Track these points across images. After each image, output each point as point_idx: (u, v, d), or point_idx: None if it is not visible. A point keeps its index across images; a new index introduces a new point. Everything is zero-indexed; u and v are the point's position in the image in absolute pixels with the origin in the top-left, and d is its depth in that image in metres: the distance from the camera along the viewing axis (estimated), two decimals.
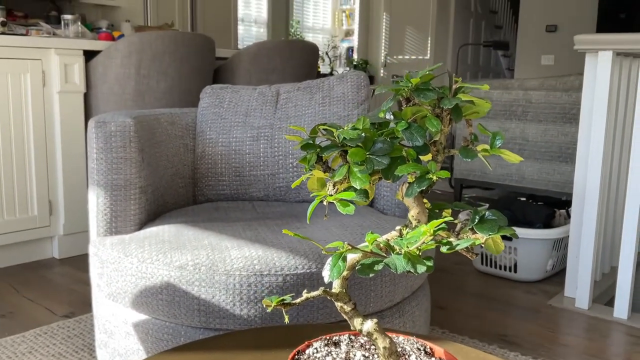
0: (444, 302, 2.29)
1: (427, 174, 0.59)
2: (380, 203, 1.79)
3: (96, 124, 1.55)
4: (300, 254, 1.33)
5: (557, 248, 2.54)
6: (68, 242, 2.71)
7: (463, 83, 0.59)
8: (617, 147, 2.42)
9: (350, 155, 0.60)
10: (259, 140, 1.84)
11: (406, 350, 0.67)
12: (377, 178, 0.64)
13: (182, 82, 2.77)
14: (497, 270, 2.57)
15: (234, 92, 1.95)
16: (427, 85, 0.59)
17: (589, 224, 2.22)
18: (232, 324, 1.30)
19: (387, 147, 0.60)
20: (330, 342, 0.68)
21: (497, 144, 0.62)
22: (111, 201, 1.54)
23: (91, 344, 1.84)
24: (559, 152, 3.28)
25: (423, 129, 0.61)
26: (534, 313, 2.19)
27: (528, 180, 3.40)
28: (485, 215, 0.60)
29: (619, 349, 1.91)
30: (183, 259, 1.32)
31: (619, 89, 2.32)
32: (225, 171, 1.85)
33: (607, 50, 2.15)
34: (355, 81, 1.90)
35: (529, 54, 6.24)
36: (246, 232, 1.47)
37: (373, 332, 0.61)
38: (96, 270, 1.46)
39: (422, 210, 0.62)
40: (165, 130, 1.79)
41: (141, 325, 1.39)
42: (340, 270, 0.55)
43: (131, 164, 1.56)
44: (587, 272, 2.23)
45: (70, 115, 2.64)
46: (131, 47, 2.60)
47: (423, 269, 0.53)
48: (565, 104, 3.25)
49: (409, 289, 1.51)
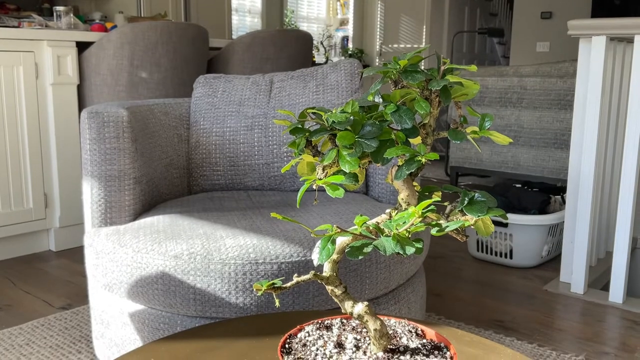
0: (439, 289, 2.30)
1: (416, 157, 0.59)
2: (376, 191, 1.80)
3: (89, 114, 1.55)
4: (295, 242, 1.34)
5: (552, 234, 2.55)
6: (64, 235, 2.70)
7: (451, 65, 0.59)
8: (611, 132, 2.42)
9: (339, 139, 0.60)
10: (253, 129, 1.84)
11: (397, 332, 0.67)
12: (367, 162, 0.64)
13: (176, 73, 2.76)
14: (493, 257, 2.58)
15: (228, 82, 1.94)
16: (415, 67, 0.59)
17: (584, 210, 2.23)
18: (228, 313, 1.30)
19: (376, 130, 0.60)
20: (322, 326, 0.68)
21: (486, 126, 0.62)
22: (105, 192, 1.54)
23: (88, 335, 1.84)
24: (554, 138, 3.28)
25: (412, 111, 0.61)
26: (529, 298, 2.20)
27: (523, 167, 3.40)
28: (474, 197, 0.60)
29: (614, 333, 1.92)
30: (178, 249, 1.32)
31: (612, 74, 2.32)
32: (219, 161, 1.84)
33: (600, 35, 2.14)
34: (349, 69, 1.89)
35: (524, 41, 6.22)
36: (241, 222, 1.47)
37: (364, 314, 0.61)
38: (92, 261, 1.46)
39: (411, 193, 0.62)
40: (158, 121, 1.79)
41: (137, 315, 1.40)
42: (329, 253, 0.55)
43: (125, 155, 1.56)
44: (583, 257, 2.24)
45: (64, 107, 2.63)
46: (123, 38, 2.59)
47: (412, 251, 0.53)
48: (560, 91, 3.25)
49: (404, 275, 1.52)
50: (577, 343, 1.84)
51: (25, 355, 1.72)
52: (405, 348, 0.64)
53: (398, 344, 0.65)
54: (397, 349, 0.64)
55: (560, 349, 1.79)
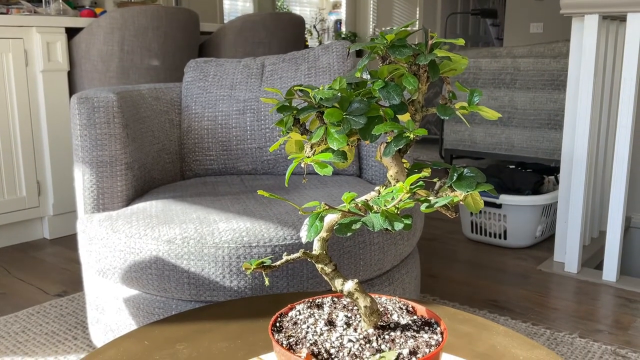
0: (434, 270, 2.31)
1: (404, 133, 0.59)
2: (369, 173, 1.79)
3: (78, 100, 1.53)
4: (289, 224, 1.34)
5: (546, 214, 2.55)
6: (58, 222, 2.70)
7: (439, 39, 0.58)
8: (604, 112, 2.42)
9: (326, 116, 0.59)
10: (245, 113, 1.83)
11: (388, 309, 0.67)
12: (356, 139, 0.64)
13: (167, 58, 2.74)
14: (487, 238, 2.59)
15: (219, 66, 1.93)
16: (402, 42, 0.58)
17: (577, 190, 2.24)
18: (223, 296, 1.31)
19: (363, 106, 0.60)
20: (313, 305, 0.68)
21: (475, 101, 0.61)
22: (97, 178, 1.53)
23: (84, 322, 1.84)
24: (547, 119, 3.28)
25: (400, 87, 0.60)
26: (523, 278, 2.21)
27: (517, 149, 3.41)
28: (463, 172, 0.60)
29: (607, 311, 1.93)
30: (171, 233, 1.32)
31: (605, 53, 2.32)
32: (212, 146, 1.84)
33: (593, 13, 2.13)
34: (341, 51, 1.88)
35: (517, 22, 6.19)
36: (234, 206, 1.47)
37: (354, 291, 0.61)
38: (85, 248, 1.46)
39: (400, 169, 0.62)
40: (149, 106, 1.78)
41: (132, 300, 1.40)
42: (317, 230, 0.55)
43: (116, 140, 1.55)
44: (576, 236, 2.25)
45: (55, 94, 2.61)
46: (113, 23, 2.56)
47: (400, 226, 0.53)
48: (553, 71, 3.24)
49: (398, 256, 1.52)
50: (571, 321, 1.86)
51: (22, 342, 1.72)
52: (396, 324, 0.64)
53: (389, 320, 0.65)
54: (388, 325, 0.64)
55: (554, 328, 1.81)
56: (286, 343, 0.60)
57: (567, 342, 1.71)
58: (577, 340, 1.72)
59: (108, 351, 0.88)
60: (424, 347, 0.59)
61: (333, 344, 0.59)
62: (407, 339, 0.61)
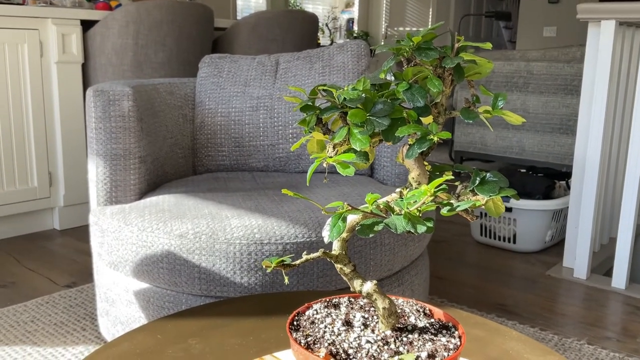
0: (442, 272, 2.30)
1: (428, 135, 0.59)
2: (381, 174, 1.79)
3: (94, 92, 1.54)
4: (300, 223, 1.34)
5: (556, 219, 2.54)
6: (68, 214, 2.71)
7: (465, 42, 0.58)
8: (617, 118, 2.41)
9: (350, 117, 0.59)
10: (258, 110, 1.83)
11: (405, 311, 0.67)
12: (378, 140, 0.64)
13: (181, 53, 2.75)
14: (496, 241, 2.58)
15: (233, 62, 1.93)
16: (428, 45, 0.58)
17: (589, 195, 2.22)
18: (233, 292, 1.31)
19: (387, 108, 0.60)
20: (330, 304, 0.68)
21: (500, 105, 0.61)
22: (111, 171, 1.54)
23: (93, 313, 1.85)
24: (559, 124, 3.27)
25: (424, 89, 0.60)
26: (532, 283, 2.21)
27: (528, 153, 3.39)
28: (486, 176, 0.60)
29: (616, 318, 1.92)
30: (183, 228, 1.32)
31: (621, 59, 2.30)
32: (224, 142, 1.84)
33: (610, 19, 2.12)
34: (356, 50, 1.88)
35: (531, 25, 6.16)
36: (246, 202, 1.47)
37: (373, 292, 0.61)
38: (97, 240, 1.47)
39: (422, 172, 0.62)
40: (164, 100, 1.78)
41: (142, 293, 1.40)
42: (340, 230, 0.55)
43: (130, 133, 1.55)
44: (586, 242, 2.24)
45: (69, 86, 2.62)
46: (128, 16, 2.57)
47: (423, 229, 0.53)
48: (567, 76, 3.23)
49: (408, 258, 1.52)
50: (580, 328, 1.85)
51: (30, 332, 1.73)
52: (414, 327, 0.64)
53: (406, 322, 0.65)
54: (405, 327, 0.64)
55: (562, 334, 1.80)
56: (304, 342, 0.60)
57: (575, 349, 1.70)
58: (585, 347, 1.71)
59: (122, 344, 0.89)
60: (442, 350, 0.59)
61: (351, 345, 0.59)
62: (425, 342, 0.61)
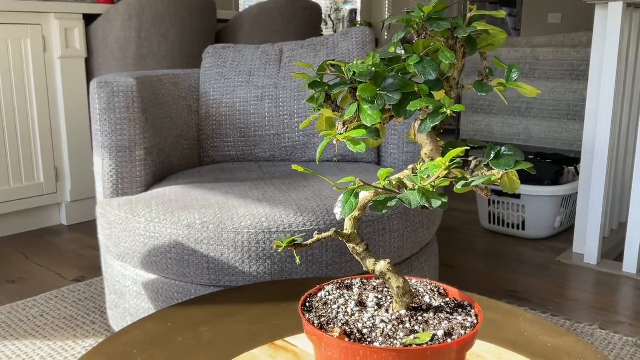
0: (452, 260, 2.29)
1: (441, 109, 0.57)
2: (388, 161, 1.78)
3: (98, 84, 1.53)
4: (308, 211, 1.32)
5: (565, 205, 2.52)
6: (75, 209, 2.71)
7: (478, 11, 0.57)
8: (626, 102, 2.38)
9: (359, 91, 0.58)
10: (263, 100, 1.82)
11: (420, 291, 0.66)
12: (388, 117, 0.62)
13: (184, 45, 2.73)
14: (505, 229, 2.56)
15: (237, 52, 1.91)
16: (440, 15, 0.57)
17: (598, 180, 2.20)
18: (242, 281, 1.30)
19: (398, 82, 0.58)
20: (343, 286, 0.67)
21: (514, 77, 0.59)
22: (116, 162, 1.53)
23: (102, 306, 1.85)
24: (567, 109, 3.24)
25: (436, 62, 0.59)
26: (542, 269, 2.19)
27: (535, 139, 3.36)
28: (501, 150, 0.58)
29: (627, 303, 1.91)
30: (191, 218, 1.31)
31: (629, 42, 2.27)
32: (230, 132, 1.83)
33: (617, 1, 2.09)
34: (361, 37, 1.86)
35: (535, 12, 6.11)
36: (253, 192, 1.46)
37: (386, 271, 0.60)
38: (104, 232, 1.46)
39: (435, 147, 0.60)
40: (168, 92, 1.77)
41: (151, 284, 1.40)
42: (352, 207, 0.53)
43: (135, 125, 1.54)
44: (596, 227, 2.22)
45: (72, 81, 2.61)
46: (131, 9, 2.55)
47: (438, 204, 0.52)
48: (573, 61, 3.20)
49: (417, 245, 1.51)
50: (591, 313, 1.83)
51: (40, 326, 1.73)
52: (428, 306, 0.62)
53: (421, 302, 0.63)
54: (420, 307, 0.62)
55: (574, 319, 1.79)
56: (317, 323, 0.59)
57: (588, 333, 1.68)
58: (597, 332, 1.69)
59: (132, 332, 0.88)
60: (459, 328, 0.58)
61: (365, 325, 0.58)
62: (441, 321, 0.59)
